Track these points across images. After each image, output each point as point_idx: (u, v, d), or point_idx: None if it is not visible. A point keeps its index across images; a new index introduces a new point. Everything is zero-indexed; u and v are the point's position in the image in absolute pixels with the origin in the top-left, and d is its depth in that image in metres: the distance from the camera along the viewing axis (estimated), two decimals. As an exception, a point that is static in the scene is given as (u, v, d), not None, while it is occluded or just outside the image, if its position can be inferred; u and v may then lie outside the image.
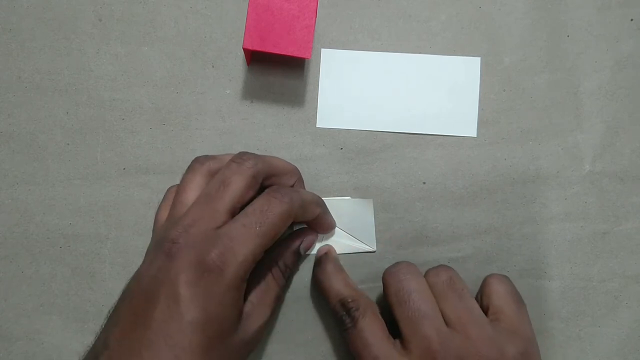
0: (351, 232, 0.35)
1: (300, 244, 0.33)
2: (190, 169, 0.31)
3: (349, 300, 0.30)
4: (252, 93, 0.36)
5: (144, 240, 0.35)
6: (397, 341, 0.29)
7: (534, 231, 0.35)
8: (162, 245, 0.27)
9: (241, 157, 0.29)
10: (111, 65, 0.36)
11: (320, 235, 0.35)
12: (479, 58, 0.36)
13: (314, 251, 0.34)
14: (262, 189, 0.30)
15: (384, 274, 0.31)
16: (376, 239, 0.35)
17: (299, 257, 0.33)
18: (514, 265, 0.35)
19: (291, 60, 0.36)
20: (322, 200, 0.33)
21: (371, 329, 0.29)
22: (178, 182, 0.33)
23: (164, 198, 0.33)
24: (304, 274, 0.35)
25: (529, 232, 0.35)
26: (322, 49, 0.36)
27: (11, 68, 0.35)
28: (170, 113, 0.36)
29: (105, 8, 0.36)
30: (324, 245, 0.34)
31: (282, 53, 0.31)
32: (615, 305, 0.35)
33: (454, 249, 0.35)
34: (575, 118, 0.36)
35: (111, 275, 0.35)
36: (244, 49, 0.32)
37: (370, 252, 0.35)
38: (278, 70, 0.36)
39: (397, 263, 0.31)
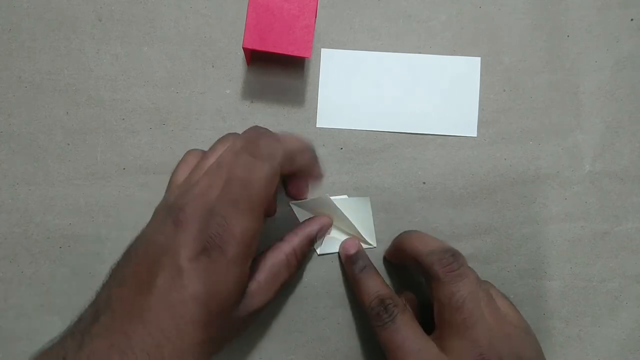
0: (350, 230, 0.35)
1: (317, 232, 0.33)
2: (224, 138, 0.30)
3: (388, 297, 0.30)
4: (252, 93, 0.36)
5: (144, 240, 0.35)
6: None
7: (534, 231, 0.35)
8: (171, 211, 0.26)
9: (258, 145, 0.27)
10: (111, 65, 0.36)
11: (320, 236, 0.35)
12: (479, 58, 0.36)
13: (335, 249, 0.35)
14: None
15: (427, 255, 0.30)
16: (377, 239, 0.35)
17: (314, 243, 0.34)
18: (514, 265, 0.35)
19: (291, 60, 0.36)
20: (311, 145, 0.31)
21: (411, 325, 0.29)
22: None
23: (182, 160, 0.31)
24: (303, 274, 0.35)
25: (529, 232, 0.35)
26: (322, 49, 0.36)
27: (11, 68, 0.35)
28: (170, 113, 0.36)
29: (105, 8, 0.36)
30: (349, 239, 0.35)
31: (282, 53, 0.31)
32: (615, 305, 0.35)
33: (454, 249, 0.35)
34: (575, 118, 0.36)
35: (111, 275, 0.35)
36: (244, 48, 0.32)
37: (370, 248, 0.35)
38: (278, 70, 0.36)
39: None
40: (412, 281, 0.35)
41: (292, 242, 0.32)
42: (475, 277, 0.29)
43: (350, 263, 0.33)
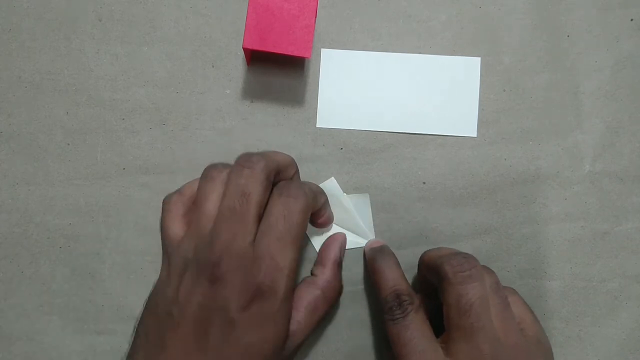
0: (350, 228, 0.35)
1: (340, 254, 0.33)
2: (209, 177, 0.28)
3: (405, 293, 0.30)
4: (252, 93, 0.36)
5: (144, 240, 0.35)
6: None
7: (534, 231, 0.35)
8: (202, 270, 0.26)
9: (250, 161, 0.28)
10: (111, 65, 0.36)
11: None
12: (479, 58, 0.36)
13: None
14: None
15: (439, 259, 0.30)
16: (376, 239, 0.35)
17: (341, 266, 0.33)
18: (514, 265, 0.35)
19: (291, 60, 0.36)
20: (323, 190, 0.33)
21: (421, 325, 0.29)
22: (178, 182, 0.33)
23: (166, 210, 0.29)
24: (304, 274, 0.35)
25: (529, 232, 0.35)
26: (322, 49, 0.36)
27: (11, 68, 0.35)
28: (170, 113, 0.36)
29: (105, 8, 0.36)
30: (374, 240, 0.35)
31: (282, 53, 0.31)
32: (615, 305, 0.35)
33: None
34: (575, 118, 0.36)
35: (111, 275, 0.35)
36: (244, 48, 0.32)
37: None
38: (278, 70, 0.36)
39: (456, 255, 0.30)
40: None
41: (325, 275, 0.31)
42: (490, 282, 0.28)
43: (374, 252, 0.33)
